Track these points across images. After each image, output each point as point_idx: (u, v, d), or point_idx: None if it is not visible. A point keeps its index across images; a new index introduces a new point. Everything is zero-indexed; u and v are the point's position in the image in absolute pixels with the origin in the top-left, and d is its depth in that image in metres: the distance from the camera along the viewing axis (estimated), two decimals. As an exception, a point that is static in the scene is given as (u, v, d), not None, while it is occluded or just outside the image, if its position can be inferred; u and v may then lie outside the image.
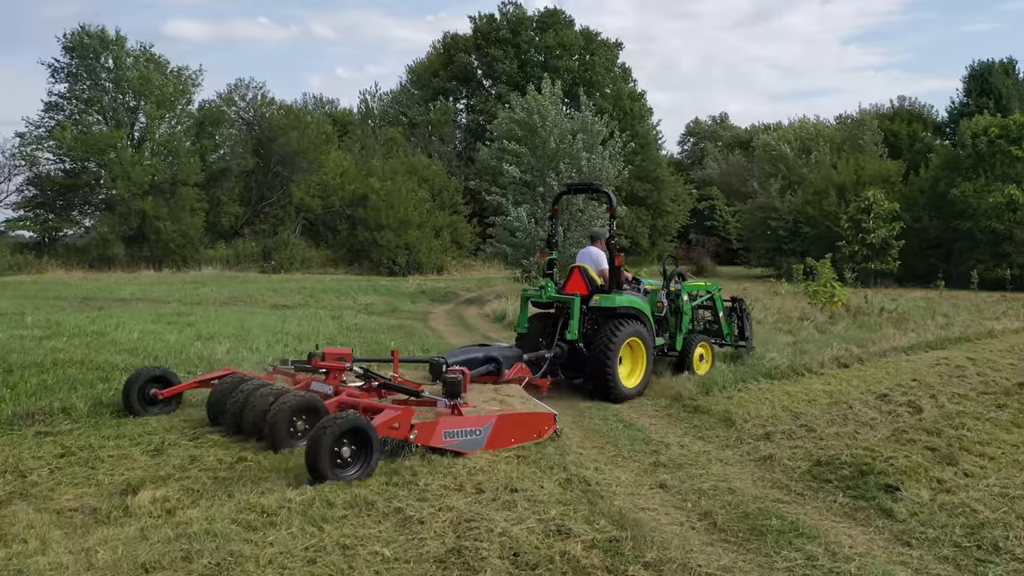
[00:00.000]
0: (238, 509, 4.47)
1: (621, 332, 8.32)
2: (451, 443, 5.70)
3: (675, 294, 10.03)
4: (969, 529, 4.48)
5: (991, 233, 33.26)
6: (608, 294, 8.66)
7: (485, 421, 5.96)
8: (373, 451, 5.17)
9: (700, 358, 9.83)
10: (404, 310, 19.55)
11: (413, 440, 5.56)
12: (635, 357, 8.69)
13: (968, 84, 46.61)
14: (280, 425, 5.71)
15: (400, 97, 57.18)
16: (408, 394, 6.41)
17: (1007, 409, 7.89)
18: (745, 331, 11.16)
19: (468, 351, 8.33)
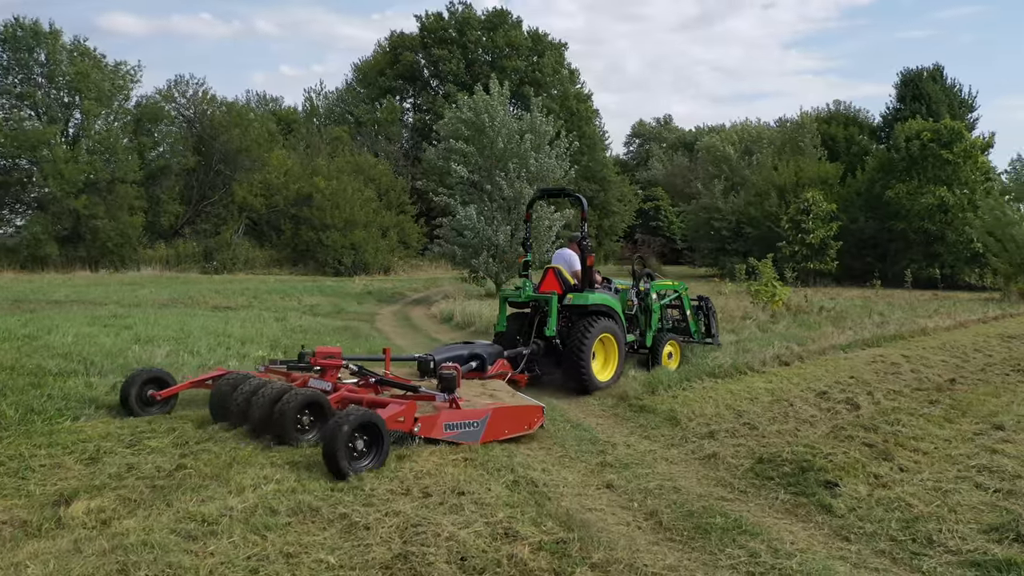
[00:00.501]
0: (177, 518, 4.35)
1: (594, 328, 8.82)
2: (451, 435, 6.03)
3: (644, 293, 10.54)
4: (904, 523, 4.61)
5: (924, 234, 34.43)
6: (581, 293, 9.18)
7: (481, 414, 6.29)
8: (384, 443, 5.44)
9: (669, 355, 10.38)
10: (350, 311, 19.34)
11: (417, 432, 5.88)
12: (607, 352, 9.22)
13: (900, 90, 48.12)
14: (287, 420, 5.87)
15: (346, 95, 56.58)
16: (406, 389, 6.65)
17: (939, 405, 8.16)
18: (712, 328, 11.74)
19: (453, 348, 8.66)
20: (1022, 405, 8.23)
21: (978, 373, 10.50)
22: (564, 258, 10.11)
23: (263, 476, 5.10)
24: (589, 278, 9.40)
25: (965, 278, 33.98)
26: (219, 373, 7.30)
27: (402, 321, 18.00)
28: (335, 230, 36.57)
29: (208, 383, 7.16)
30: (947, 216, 33.74)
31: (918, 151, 35.13)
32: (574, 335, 8.81)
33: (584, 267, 9.41)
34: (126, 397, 6.84)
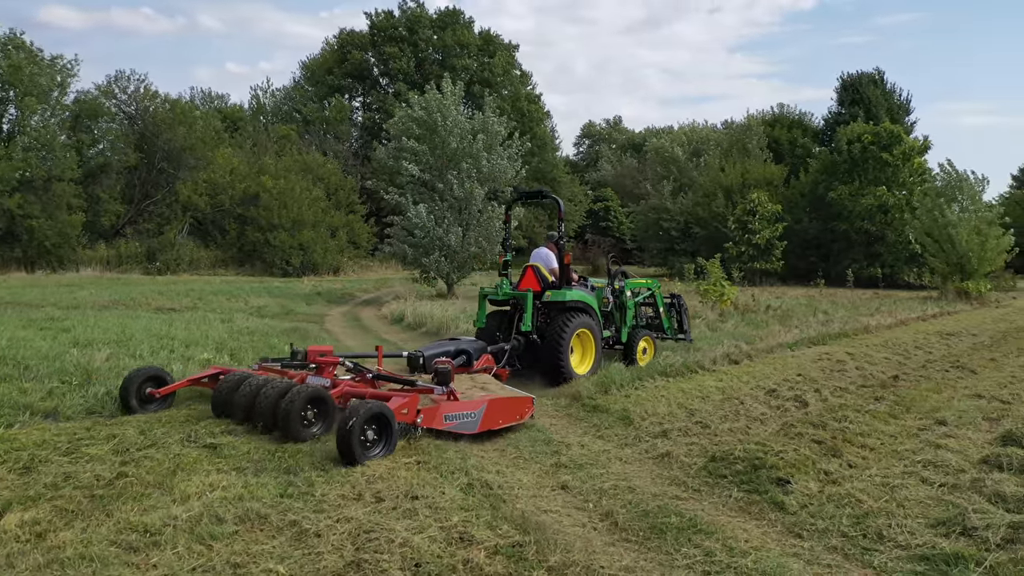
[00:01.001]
0: (118, 529, 4.18)
1: (572, 324, 9.27)
2: (451, 425, 6.35)
3: (619, 291, 11.02)
4: (855, 519, 4.67)
5: (865, 234, 35.32)
6: (559, 290, 9.61)
7: (478, 405, 6.60)
8: (393, 433, 5.78)
9: (643, 351, 10.86)
10: (299, 312, 19.01)
11: (420, 424, 6.17)
12: (585, 346, 9.69)
13: (841, 94, 49.33)
14: (294, 415, 6.06)
15: (293, 94, 55.75)
16: (403, 384, 6.91)
17: (884, 401, 8.34)
18: (684, 325, 12.25)
19: (441, 345, 8.87)
20: (963, 401, 8.46)
21: (920, 370, 10.78)
22: (542, 256, 10.41)
23: (209, 483, 4.94)
24: (566, 276, 9.81)
25: (904, 277, 34.98)
26: (215, 371, 7.53)
27: (352, 322, 17.76)
28: (283, 230, 35.94)
29: (204, 381, 7.44)
30: (887, 217, 34.68)
31: (859, 153, 36.03)
32: (552, 330, 9.21)
33: (561, 265, 9.84)
34: (126, 395, 7.02)
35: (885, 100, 47.64)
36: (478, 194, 22.20)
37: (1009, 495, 4.88)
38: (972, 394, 8.86)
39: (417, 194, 22.81)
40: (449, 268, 22.67)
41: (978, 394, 8.81)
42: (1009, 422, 7.19)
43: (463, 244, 22.25)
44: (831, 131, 46.28)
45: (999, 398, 8.52)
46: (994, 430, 6.98)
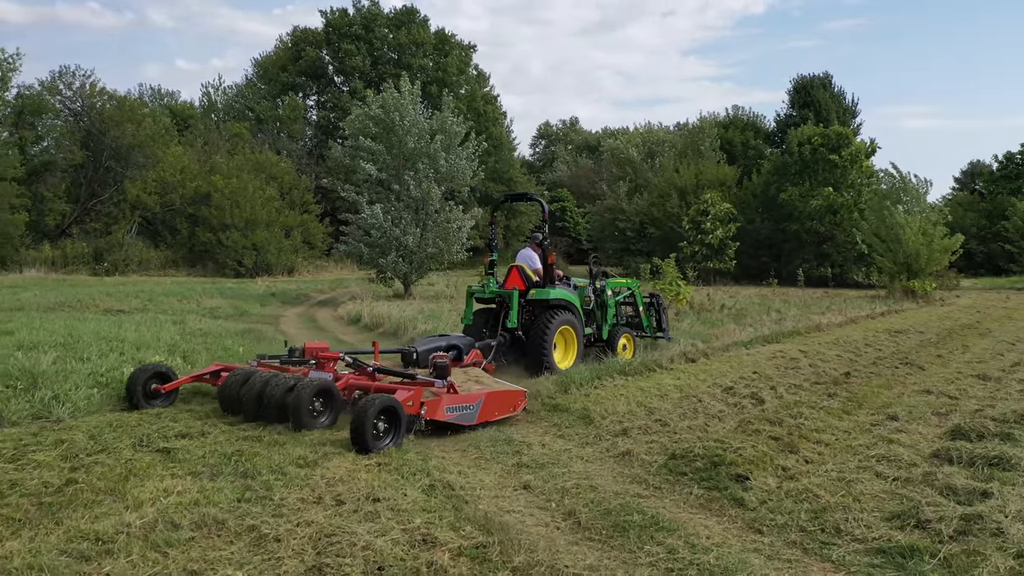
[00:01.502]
0: (68, 538, 4.04)
1: (555, 321, 9.79)
2: (452, 416, 6.61)
3: (600, 290, 11.42)
4: (813, 514, 4.74)
5: (815, 235, 36.07)
6: (543, 288, 10.09)
7: (476, 398, 6.94)
8: (402, 424, 6.10)
9: (623, 347, 11.33)
10: (253, 313, 18.70)
11: (424, 415, 6.44)
12: (567, 342, 10.22)
13: (792, 96, 50.30)
14: (303, 407, 6.37)
15: (246, 91, 54.86)
16: (403, 377, 7.26)
17: (837, 398, 8.51)
18: (662, 323, 12.67)
19: (433, 340, 9.28)
20: (912, 396, 8.67)
21: (870, 366, 11.02)
22: (526, 256, 10.88)
23: (163, 488, 4.81)
24: (550, 275, 10.29)
25: (854, 276, 35.81)
26: (216, 368, 7.78)
27: (308, 323, 17.54)
28: (235, 230, 35.32)
29: (206, 377, 7.70)
30: (836, 217, 35.45)
31: (809, 155, 36.79)
32: (537, 326, 9.73)
33: (545, 265, 10.33)
34: (132, 391, 7.24)
35: (834, 103, 48.71)
36: (435, 194, 22.09)
37: (960, 488, 5.01)
38: (921, 390, 9.08)
39: (374, 193, 22.61)
40: (406, 269, 22.52)
41: (927, 390, 9.03)
42: (957, 417, 7.38)
43: (421, 244, 22.12)
44: (782, 133, 47.19)
45: (947, 393, 8.75)
46: (943, 425, 7.16)
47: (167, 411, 7.09)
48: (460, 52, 54.28)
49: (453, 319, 15.69)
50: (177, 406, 7.35)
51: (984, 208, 52.93)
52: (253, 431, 6.36)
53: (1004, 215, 44.15)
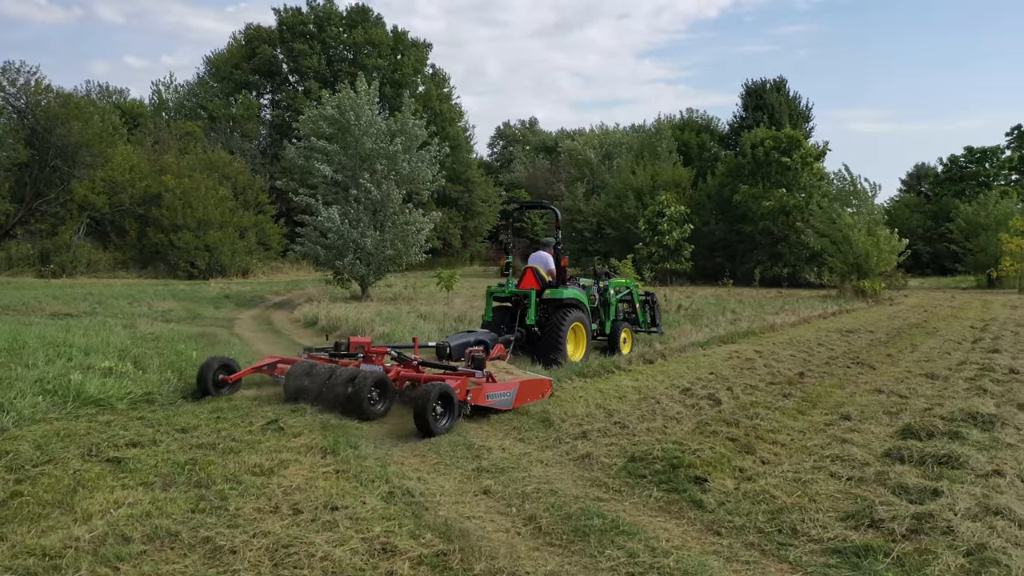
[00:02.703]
0: (13, 554, 3.90)
1: (569, 318, 10.70)
2: (492, 402, 7.37)
3: (604, 289, 12.38)
4: (770, 515, 4.80)
5: (768, 235, 36.67)
6: (557, 288, 11.03)
7: (512, 386, 7.70)
8: (454, 408, 6.85)
9: (624, 341, 12.11)
10: (207, 316, 18.34)
11: (470, 401, 7.15)
12: (577, 337, 11.07)
13: (746, 99, 51.07)
14: (363, 396, 7.10)
15: (198, 89, 53.86)
16: (445, 369, 8.00)
17: (792, 398, 8.64)
18: (656, 319, 13.75)
19: (463, 336, 9.95)
20: (864, 396, 8.85)
21: (823, 366, 11.23)
22: (541, 259, 11.72)
23: (113, 500, 4.68)
24: (563, 276, 11.29)
25: (806, 276, 36.46)
26: (271, 360, 8.73)
27: (263, 325, 17.25)
28: (187, 230, 34.61)
29: (264, 369, 8.55)
30: (788, 219, 36.09)
31: (762, 157, 37.38)
32: (552, 323, 10.63)
33: (559, 267, 11.32)
34: (203, 381, 7.98)
35: (787, 106, 49.58)
36: (395, 197, 21.92)
37: (911, 487, 5.12)
38: (872, 389, 9.28)
39: (330, 195, 22.35)
40: (364, 271, 22.31)
41: (878, 389, 9.23)
42: (907, 416, 7.56)
43: (380, 247, 21.92)
44: (736, 135, 47.86)
45: (897, 392, 8.95)
46: (894, 424, 7.32)
47: (117, 419, 6.89)
48: (416, 51, 54.02)
49: (412, 320, 15.60)
50: (128, 414, 7.15)
51: (930, 210, 54.46)
52: (208, 438, 6.22)
53: (949, 217, 45.43)
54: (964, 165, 57.61)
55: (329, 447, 6.05)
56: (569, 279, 11.76)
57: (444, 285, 23.95)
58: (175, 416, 7.04)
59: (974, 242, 40.20)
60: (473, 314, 17.06)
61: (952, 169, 58.36)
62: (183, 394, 8.07)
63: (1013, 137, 64.71)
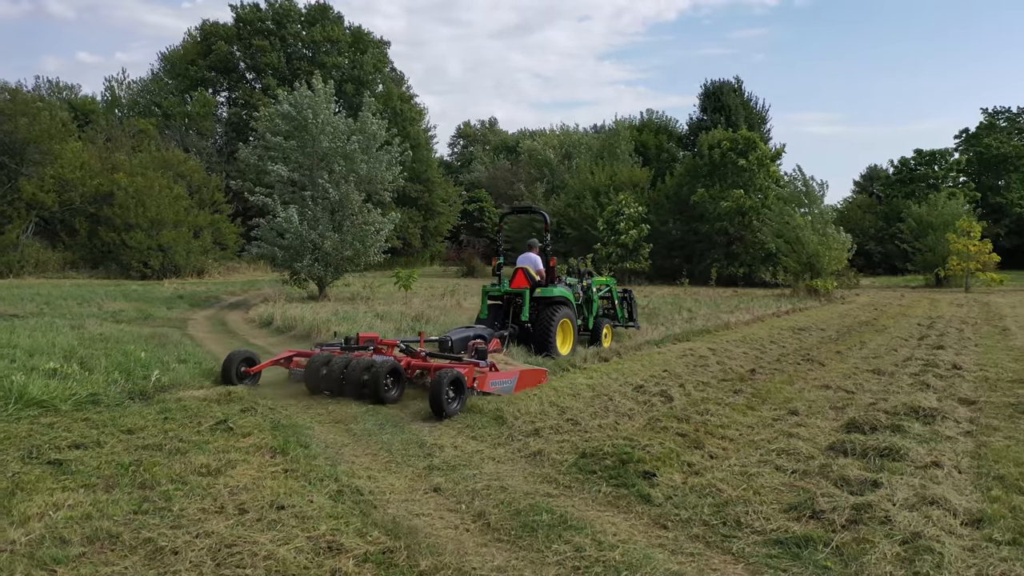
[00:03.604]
0: (-56, 558, 3.80)
1: (558, 314, 11.47)
2: (495, 389, 8.16)
3: (587, 287, 13.22)
4: (716, 508, 4.87)
5: (725, 235, 37.18)
6: (547, 287, 11.85)
7: (512, 374, 8.57)
8: (464, 392, 7.59)
9: (605, 335, 12.83)
10: (159, 317, 18.01)
11: (476, 387, 7.95)
12: (565, 332, 11.75)
13: (703, 101, 51.68)
14: (379, 382, 7.91)
15: (152, 86, 52.84)
16: (451, 360, 8.57)
17: (742, 394, 8.78)
18: (633, 315, 14.67)
19: (462, 331, 10.60)
20: (812, 391, 9.03)
21: (774, 363, 11.42)
22: (530, 260, 12.50)
23: (52, 503, 4.57)
24: (552, 276, 12.12)
25: (761, 276, 37.08)
26: (289, 354, 9.49)
27: (218, 326, 17.00)
28: (140, 230, 33.95)
29: (282, 362, 9.29)
30: (744, 219, 36.64)
31: (719, 159, 37.88)
32: (543, 319, 11.36)
33: (547, 268, 12.17)
34: (227, 371, 8.77)
35: (744, 108, 50.28)
36: (354, 198, 21.76)
37: (852, 479, 5.24)
38: (821, 385, 9.47)
39: (287, 195, 22.09)
40: (322, 272, 22.10)
41: (826, 385, 9.42)
42: (852, 410, 7.73)
43: (338, 247, 21.72)
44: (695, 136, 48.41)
45: (844, 388, 9.15)
46: (839, 418, 7.49)
47: (60, 420, 6.73)
48: (375, 50, 53.68)
49: (368, 320, 15.51)
50: (72, 415, 6.99)
51: (881, 211, 55.69)
52: (154, 439, 6.12)
53: (900, 217, 46.50)
54: (914, 167, 59.08)
55: (279, 447, 6.01)
56: (558, 278, 12.57)
57: (402, 285, 23.84)
58: (121, 417, 6.92)
59: (923, 242, 41.21)
60: (431, 314, 17.03)
61: (902, 171, 59.81)
62: (130, 395, 7.91)
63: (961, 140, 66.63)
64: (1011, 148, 62.17)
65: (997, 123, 67.84)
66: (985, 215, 49.97)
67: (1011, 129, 67.47)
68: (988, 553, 4.12)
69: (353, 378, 8.11)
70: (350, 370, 8.19)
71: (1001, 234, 51.67)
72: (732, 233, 36.99)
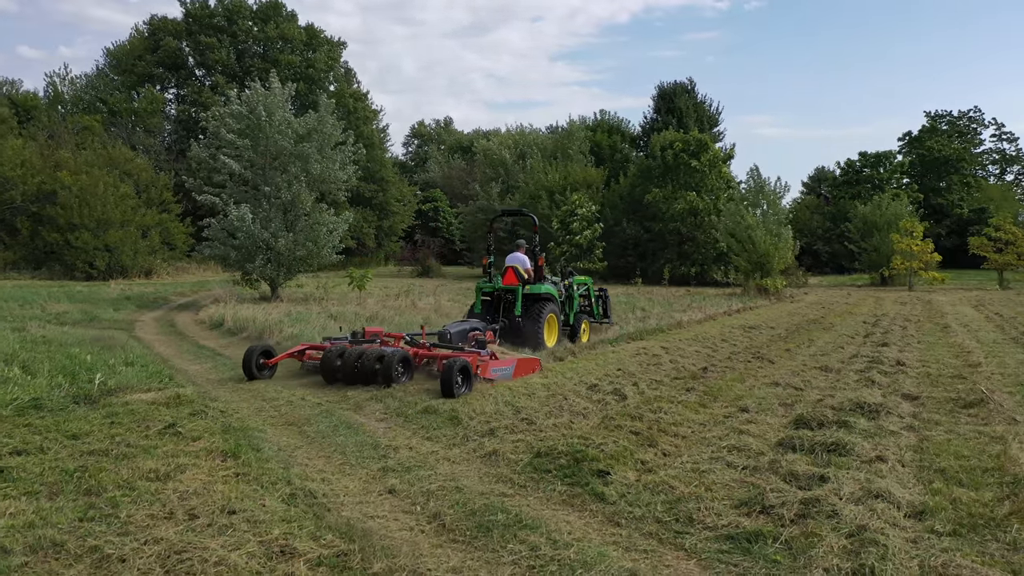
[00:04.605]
0: None
1: (546, 309, 12.43)
2: (496, 376, 8.93)
3: (569, 285, 14.09)
4: (668, 505, 4.94)
5: (677, 235, 37.64)
6: (535, 284, 12.76)
7: (510, 363, 9.40)
8: (471, 378, 8.46)
9: (583, 330, 13.73)
10: (105, 319, 17.56)
11: (480, 374, 8.71)
12: (551, 327, 12.72)
13: (657, 102, 52.24)
14: (393, 369, 8.73)
15: (97, 82, 51.46)
16: (454, 350, 9.48)
17: (695, 392, 8.90)
18: (608, 312, 15.63)
19: (460, 324, 11.36)
20: (762, 389, 9.20)
21: (726, 361, 11.60)
22: (518, 259, 13.20)
23: (-8, 511, 4.44)
24: (540, 274, 13.04)
25: (713, 275, 37.62)
26: (303, 347, 10.28)
27: (166, 328, 16.66)
28: (85, 230, 32.99)
29: (296, 354, 10.05)
30: (697, 219, 37.14)
31: (672, 159, 38.33)
32: (532, 314, 12.28)
33: (536, 266, 13.09)
34: (247, 364, 9.51)
35: (695, 110, 50.94)
36: (305, 198, 21.48)
37: (801, 474, 5.36)
38: (770, 382, 9.65)
39: (239, 193, 21.71)
40: (275, 272, 21.78)
41: (775, 382, 9.61)
42: (801, 407, 7.90)
43: (292, 248, 21.42)
44: (648, 137, 48.88)
45: (793, 385, 9.34)
46: (788, 414, 7.65)
47: (1, 426, 6.53)
48: (329, 48, 53.11)
49: (322, 321, 15.35)
50: (13, 420, 6.78)
51: (829, 211, 57.02)
52: (100, 444, 5.98)
53: (846, 217, 47.64)
54: (860, 169, 60.61)
55: (230, 450, 5.92)
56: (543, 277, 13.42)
57: (356, 285, 23.64)
58: (65, 422, 6.73)
59: (869, 242, 42.26)
60: (386, 314, 16.91)
61: (849, 173, 61.34)
62: (75, 399, 7.71)
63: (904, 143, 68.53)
64: (951, 151, 64.24)
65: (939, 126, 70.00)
66: (927, 216, 51.54)
67: (951, 132, 69.72)
68: (930, 544, 4.26)
69: (367, 367, 8.87)
70: (364, 360, 8.96)
71: (942, 234, 53.32)
72: (685, 233, 37.47)
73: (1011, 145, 73.58)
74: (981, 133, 72.64)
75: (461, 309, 18.85)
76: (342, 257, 24.54)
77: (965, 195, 61.69)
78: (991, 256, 37.92)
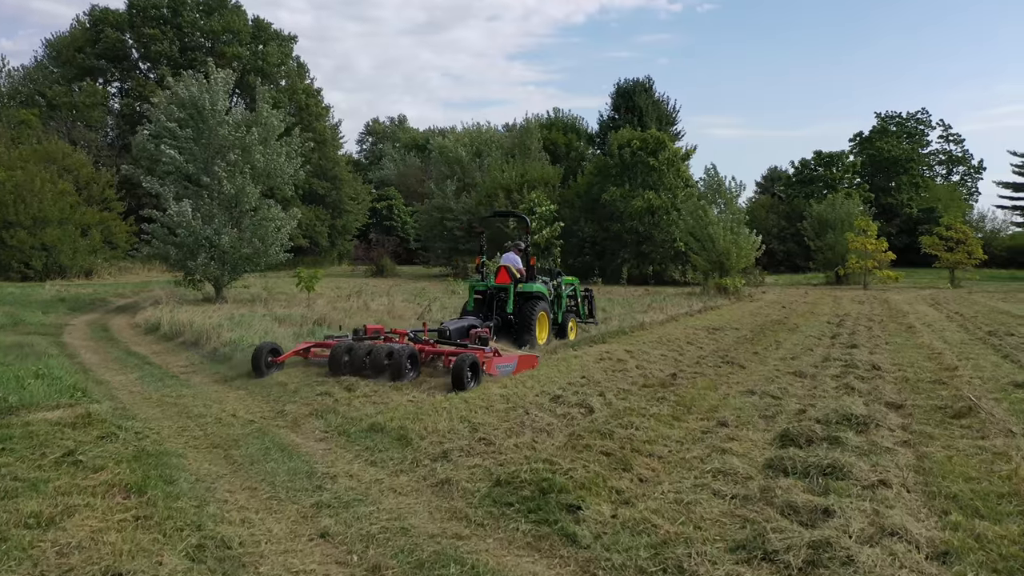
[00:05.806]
0: None
1: (538, 307, 12.76)
2: (499, 372, 9.36)
3: (558, 285, 14.35)
4: (653, 549, 4.18)
5: (635, 234, 37.17)
6: (527, 283, 13.02)
7: (512, 359, 9.94)
8: (479, 373, 8.90)
9: (570, 329, 14.11)
10: (31, 323, 16.31)
11: (484, 369, 9.10)
12: (542, 324, 13.02)
13: (615, 100, 51.85)
14: (402, 365, 8.97)
15: (35, 74, 49.14)
16: (458, 347, 9.86)
17: (666, 402, 8.21)
18: (593, 311, 15.88)
19: (458, 322, 11.75)
20: (737, 398, 8.56)
21: (694, 366, 10.96)
22: (511, 259, 13.60)
23: None
24: (531, 273, 13.34)
25: (671, 274, 37.25)
26: (307, 345, 10.47)
27: (98, 332, 15.50)
28: (21, 228, 31.25)
29: (302, 352, 10.26)
30: (655, 218, 36.71)
31: (629, 158, 37.85)
32: (525, 312, 12.60)
33: (528, 266, 13.37)
34: (257, 361, 9.63)
35: (654, 109, 50.66)
36: (250, 191, 20.37)
37: (800, 505, 4.67)
38: (745, 390, 9.02)
39: (181, 187, 20.50)
40: (219, 271, 20.62)
41: (751, 390, 8.97)
42: (783, 419, 7.27)
43: (236, 245, 20.29)
44: (605, 135, 48.45)
45: (770, 393, 8.68)
46: (771, 428, 7.01)
47: None
48: (279, 43, 51.61)
49: (266, 324, 14.42)
50: None
51: (783, 210, 57.27)
52: (-19, 479, 5.04)
53: (801, 216, 47.76)
54: (813, 168, 61.08)
55: (135, 484, 5.02)
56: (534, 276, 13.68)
57: (304, 286, 22.58)
58: (-54, 450, 5.76)
59: (823, 240, 42.38)
60: (335, 316, 15.99)
61: (803, 172, 61.79)
62: (-33, 420, 6.71)
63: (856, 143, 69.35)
64: (901, 151, 65.12)
65: (889, 127, 70.98)
66: (878, 215, 52.00)
67: (900, 133, 70.74)
68: (961, 596, 3.60)
69: (376, 362, 9.13)
70: (373, 355, 9.21)
71: (892, 233, 53.84)
72: (643, 232, 37.02)
73: (957, 146, 75.05)
74: (928, 134, 73.89)
75: (416, 310, 18.00)
76: (292, 256, 23.44)
77: (914, 195, 62.49)
78: (942, 255, 38.23)
